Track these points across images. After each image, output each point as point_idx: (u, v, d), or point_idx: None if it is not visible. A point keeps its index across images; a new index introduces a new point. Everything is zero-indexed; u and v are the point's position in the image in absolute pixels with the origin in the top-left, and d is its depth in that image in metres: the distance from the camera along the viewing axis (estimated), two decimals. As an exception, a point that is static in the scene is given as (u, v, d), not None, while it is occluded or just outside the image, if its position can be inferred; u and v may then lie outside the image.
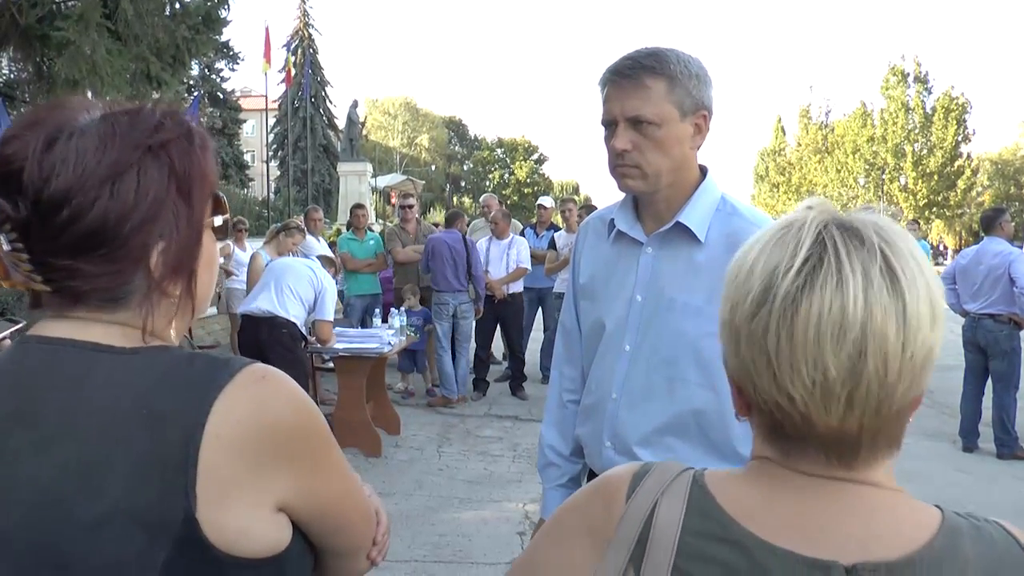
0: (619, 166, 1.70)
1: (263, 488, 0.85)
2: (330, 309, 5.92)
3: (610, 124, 1.70)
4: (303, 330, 5.80)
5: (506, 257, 8.15)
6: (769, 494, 0.81)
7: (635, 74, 1.65)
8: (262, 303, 5.60)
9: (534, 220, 9.51)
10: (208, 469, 0.80)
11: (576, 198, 9.84)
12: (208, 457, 0.81)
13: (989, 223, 6.58)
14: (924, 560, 0.74)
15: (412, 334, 7.68)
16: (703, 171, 1.78)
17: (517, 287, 8.30)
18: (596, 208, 8.46)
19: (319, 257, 6.60)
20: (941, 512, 0.79)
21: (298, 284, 5.69)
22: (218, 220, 0.98)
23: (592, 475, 1.93)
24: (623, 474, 0.89)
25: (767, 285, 0.77)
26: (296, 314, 5.64)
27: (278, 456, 0.86)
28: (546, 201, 9.49)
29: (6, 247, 0.84)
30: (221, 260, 9.50)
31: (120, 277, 0.88)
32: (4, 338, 2.63)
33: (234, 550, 0.83)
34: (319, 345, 6.10)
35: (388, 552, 1.14)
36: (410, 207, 8.55)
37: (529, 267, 8.25)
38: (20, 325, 2.83)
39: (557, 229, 8.94)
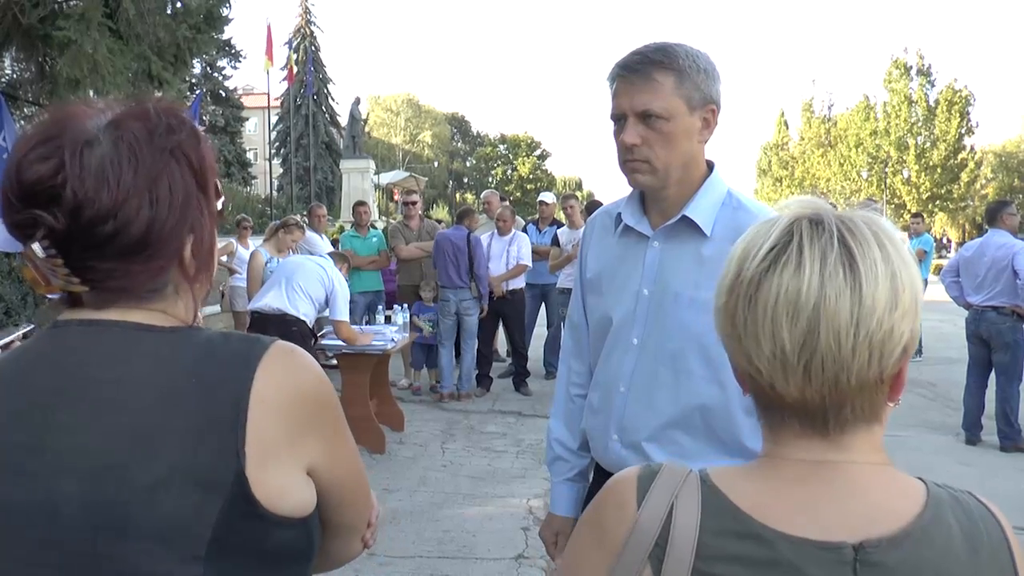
0: (628, 161, 1.71)
1: (298, 450, 0.93)
2: (343, 308, 5.89)
3: (619, 119, 1.71)
4: (312, 328, 5.79)
5: (506, 254, 8.15)
6: (774, 485, 0.86)
7: (644, 69, 1.66)
8: (272, 300, 5.59)
9: (536, 216, 9.51)
10: (255, 430, 0.87)
11: (578, 194, 9.82)
12: (255, 419, 0.88)
13: (993, 216, 6.58)
14: (917, 531, 0.82)
15: (429, 328, 7.72)
16: (710, 166, 1.79)
17: (518, 283, 8.31)
18: (601, 204, 8.48)
19: (331, 254, 6.60)
20: (925, 485, 0.87)
21: (308, 282, 5.67)
22: (218, 205, 1.04)
23: (599, 468, 1.94)
24: (627, 480, 0.92)
25: (738, 270, 0.87)
26: (306, 312, 5.63)
27: (309, 421, 0.94)
28: (547, 197, 9.47)
29: (41, 255, 0.89)
30: (224, 258, 9.50)
31: (159, 272, 0.95)
32: (10, 342, 2.64)
33: (276, 508, 0.89)
34: (344, 345, 6.06)
35: (393, 548, 1.16)
36: (413, 204, 8.55)
37: (530, 264, 8.24)
38: (27, 328, 2.84)
39: (560, 225, 8.93)
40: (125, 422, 0.87)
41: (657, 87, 1.65)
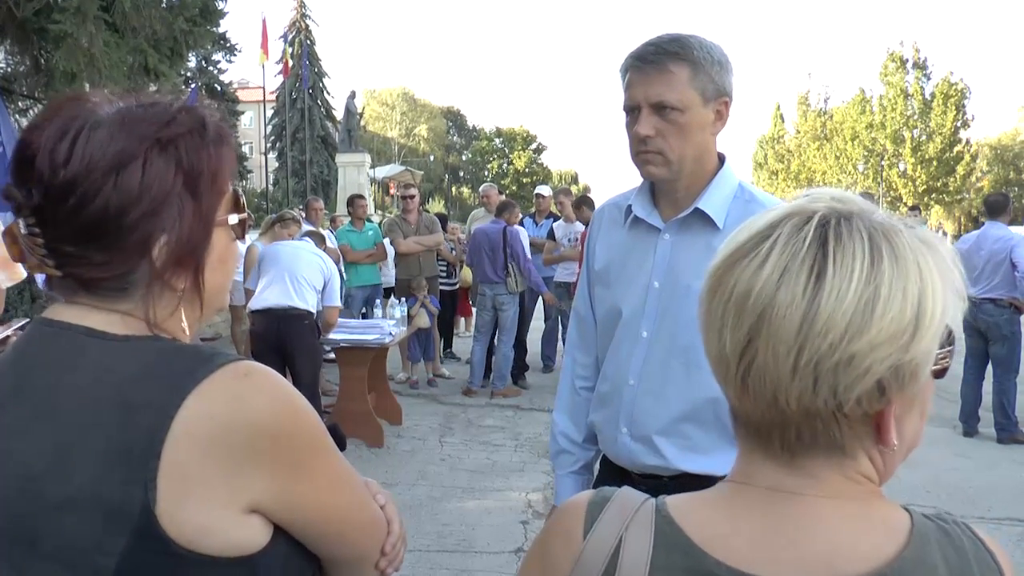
0: (642, 152, 1.70)
1: (233, 488, 0.83)
2: (339, 294, 5.95)
3: (633, 110, 1.70)
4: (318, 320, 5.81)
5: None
6: (733, 516, 0.78)
7: (659, 60, 1.65)
8: (280, 297, 5.52)
9: (532, 210, 9.51)
10: (172, 463, 0.80)
11: (572, 189, 9.83)
12: (173, 451, 0.80)
13: (999, 208, 6.49)
14: (892, 574, 0.72)
15: (421, 303, 7.73)
16: (721, 158, 1.78)
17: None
18: (591, 199, 8.45)
19: (308, 234, 6.56)
20: (910, 518, 0.77)
21: (311, 274, 5.67)
22: (234, 219, 0.98)
23: (605, 461, 1.94)
24: (576, 507, 0.85)
25: (716, 257, 0.79)
26: (312, 303, 5.63)
27: (253, 456, 0.84)
28: (544, 190, 9.49)
29: (24, 231, 0.87)
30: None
31: (123, 267, 0.88)
32: (7, 337, 2.63)
33: (196, 547, 0.81)
34: (341, 340, 6.08)
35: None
36: (411, 197, 8.53)
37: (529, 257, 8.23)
38: (23, 323, 2.82)
39: (556, 218, 8.93)
40: (51, 433, 0.83)
41: (672, 78, 1.64)
